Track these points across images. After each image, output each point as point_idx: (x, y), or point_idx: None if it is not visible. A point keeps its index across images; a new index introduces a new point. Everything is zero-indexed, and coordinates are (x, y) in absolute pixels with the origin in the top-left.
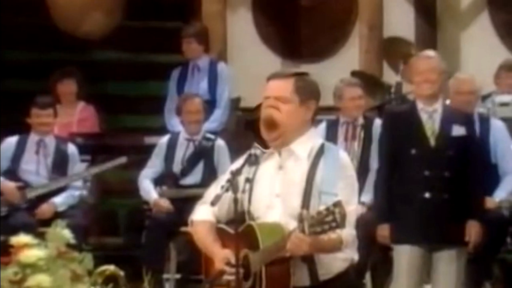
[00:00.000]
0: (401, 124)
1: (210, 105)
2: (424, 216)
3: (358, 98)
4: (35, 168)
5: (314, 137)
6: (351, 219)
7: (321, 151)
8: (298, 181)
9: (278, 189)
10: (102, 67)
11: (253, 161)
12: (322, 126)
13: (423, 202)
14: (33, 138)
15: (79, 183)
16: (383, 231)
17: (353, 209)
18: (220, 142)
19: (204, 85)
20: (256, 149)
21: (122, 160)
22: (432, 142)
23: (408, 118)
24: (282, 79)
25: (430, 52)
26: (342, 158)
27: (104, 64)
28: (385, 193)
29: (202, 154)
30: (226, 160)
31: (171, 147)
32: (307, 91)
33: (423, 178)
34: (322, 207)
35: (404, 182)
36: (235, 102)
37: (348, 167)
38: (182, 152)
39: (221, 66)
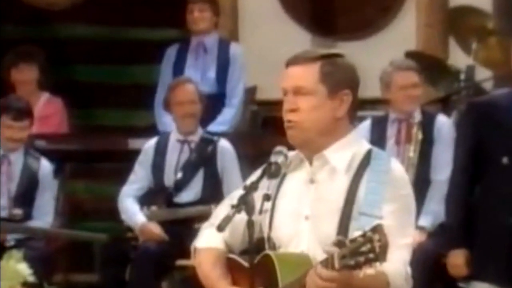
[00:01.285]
0: (491, 121)
1: (218, 100)
2: (510, 247)
3: (412, 86)
4: None
5: (357, 142)
6: (403, 255)
7: (366, 160)
8: (333, 200)
9: (307, 210)
10: (71, 46)
11: (274, 172)
12: (366, 124)
13: (510, 229)
14: None
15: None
16: (457, 259)
17: (408, 243)
18: (224, 144)
19: (211, 72)
20: (278, 156)
21: (102, 237)
22: None
23: (502, 114)
24: (303, 64)
25: None
26: (394, 170)
27: (75, 43)
28: (460, 208)
29: (201, 160)
30: (233, 167)
31: (160, 153)
32: (339, 78)
33: None
34: (357, 233)
35: (488, 200)
36: (249, 93)
37: (402, 182)
38: (174, 158)
39: (234, 48)
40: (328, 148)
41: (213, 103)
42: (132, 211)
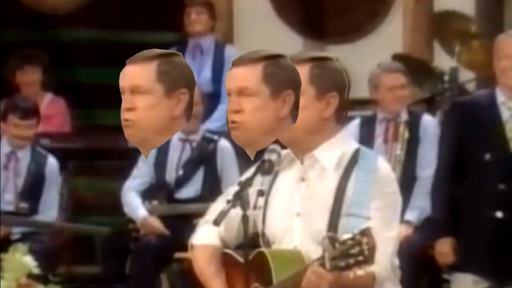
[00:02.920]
0: (474, 119)
1: (213, 99)
2: (493, 240)
3: (399, 87)
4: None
5: (346, 141)
6: (388, 248)
7: (354, 159)
8: (323, 197)
9: (299, 207)
10: (74, 49)
11: (267, 169)
12: (355, 124)
13: (493, 223)
14: (3, 148)
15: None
16: (444, 247)
17: (393, 236)
18: (224, 143)
19: (207, 72)
20: (272, 154)
21: (104, 230)
22: None
23: (484, 113)
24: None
25: None
26: (381, 169)
27: (77, 45)
28: (445, 202)
29: (202, 158)
30: (232, 166)
31: (162, 150)
32: (326, 80)
33: (496, 192)
34: (346, 236)
35: (470, 195)
36: None
37: (388, 180)
38: (176, 156)
39: (229, 50)
40: (318, 148)
41: (209, 102)
42: (135, 204)
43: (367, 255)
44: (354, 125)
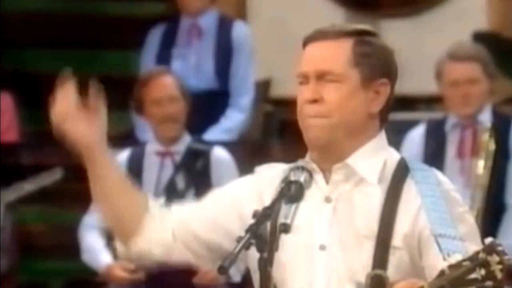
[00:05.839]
0: None
1: (218, 100)
2: None
3: (467, 82)
4: None
5: (385, 149)
6: None
7: (401, 170)
8: (362, 221)
9: (322, 237)
10: (17, 24)
11: (294, 194)
12: (419, 132)
13: None
14: None
15: None
16: None
17: None
18: (219, 154)
19: (208, 63)
20: (300, 173)
21: (56, 176)
22: None
23: None
24: (331, 41)
25: None
26: (445, 183)
27: (21, 19)
28: None
29: (190, 178)
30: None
31: (134, 171)
32: (375, 62)
33: None
34: (455, 256)
35: None
36: (261, 88)
37: (458, 198)
38: (153, 177)
39: (238, 28)
40: (352, 155)
41: (212, 103)
42: (96, 249)
43: (501, 279)
44: (417, 134)
